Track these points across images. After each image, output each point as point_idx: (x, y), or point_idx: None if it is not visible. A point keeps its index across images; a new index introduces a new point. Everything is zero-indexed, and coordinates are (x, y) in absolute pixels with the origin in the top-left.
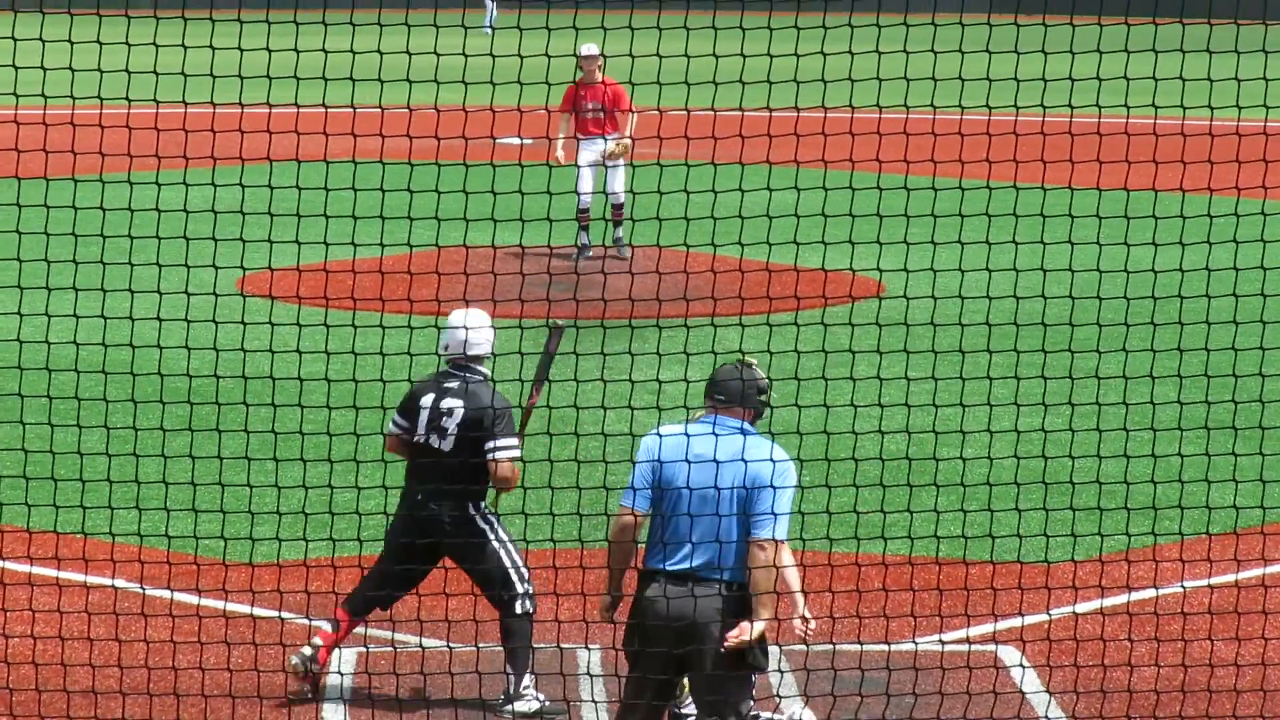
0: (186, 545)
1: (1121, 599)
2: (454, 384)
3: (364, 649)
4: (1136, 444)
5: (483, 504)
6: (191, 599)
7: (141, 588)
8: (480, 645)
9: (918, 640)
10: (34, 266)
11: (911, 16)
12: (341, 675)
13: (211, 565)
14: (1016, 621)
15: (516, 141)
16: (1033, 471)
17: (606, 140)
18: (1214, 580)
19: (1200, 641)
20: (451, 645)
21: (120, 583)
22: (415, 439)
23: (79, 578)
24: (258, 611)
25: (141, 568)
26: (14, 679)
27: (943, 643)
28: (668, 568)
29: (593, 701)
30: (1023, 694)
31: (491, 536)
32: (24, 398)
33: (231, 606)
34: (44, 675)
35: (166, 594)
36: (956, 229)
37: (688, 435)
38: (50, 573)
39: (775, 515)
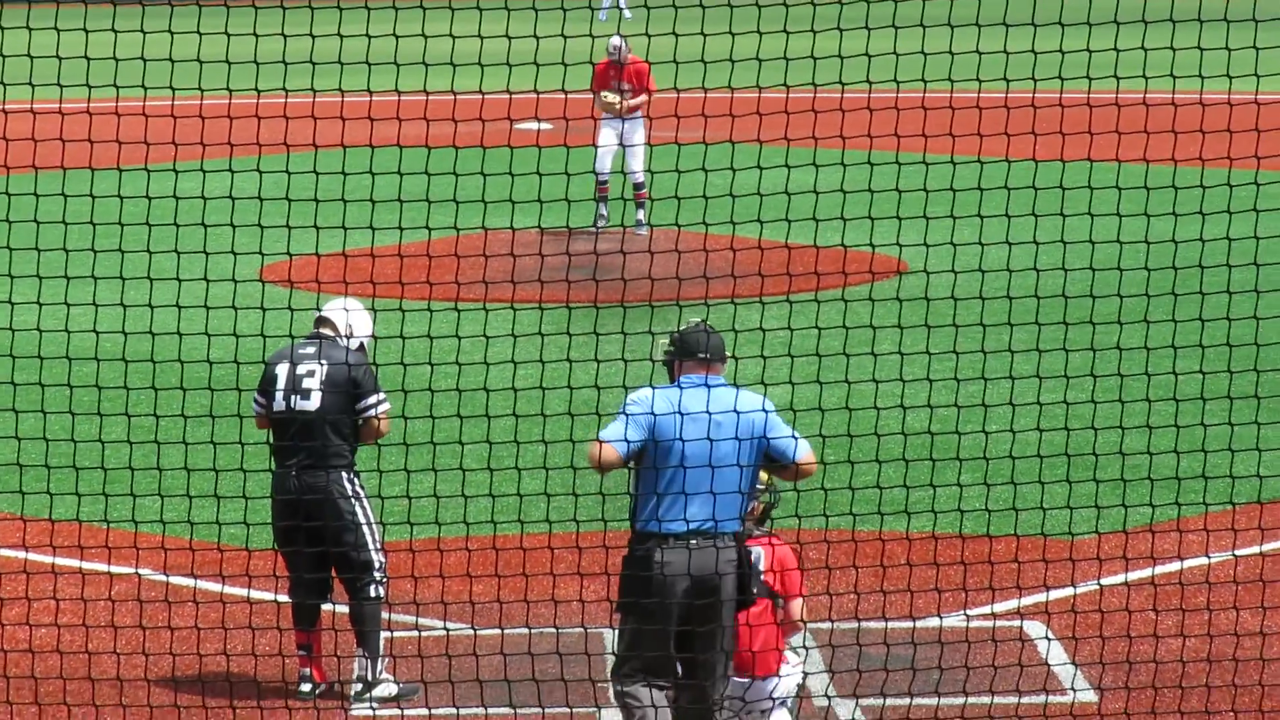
0: (210, 532)
1: (1146, 571)
2: (308, 349)
3: (389, 634)
4: (1159, 415)
5: (355, 471)
6: (215, 586)
7: (165, 575)
8: (505, 629)
9: (943, 615)
10: (53, 256)
11: None
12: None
13: (235, 552)
14: (1041, 595)
15: (535, 126)
16: (1056, 445)
17: (624, 121)
18: (1239, 551)
19: (1225, 611)
20: (476, 629)
21: (144, 571)
22: (275, 409)
23: (102, 567)
24: (282, 597)
25: (165, 555)
26: (40, 668)
27: (968, 617)
28: (691, 527)
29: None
30: (1049, 666)
31: (361, 517)
32: (45, 387)
33: (255, 593)
34: (70, 664)
35: (190, 581)
36: (976, 204)
37: (681, 388)
38: (74, 562)
39: (796, 437)
